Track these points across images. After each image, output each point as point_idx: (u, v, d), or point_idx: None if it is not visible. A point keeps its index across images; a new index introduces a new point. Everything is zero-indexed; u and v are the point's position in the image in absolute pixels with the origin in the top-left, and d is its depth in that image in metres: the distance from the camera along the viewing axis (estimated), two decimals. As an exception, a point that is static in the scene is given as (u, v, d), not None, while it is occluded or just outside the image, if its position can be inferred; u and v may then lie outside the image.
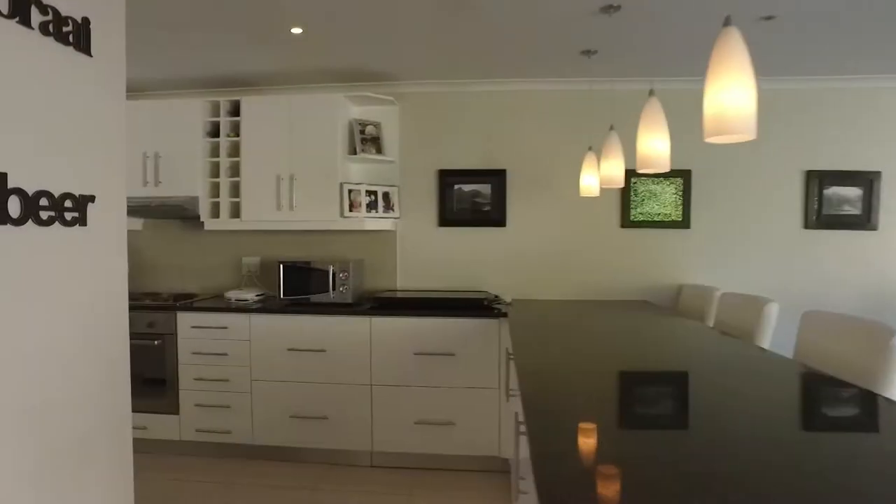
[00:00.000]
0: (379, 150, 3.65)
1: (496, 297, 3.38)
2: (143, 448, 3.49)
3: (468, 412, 3.16)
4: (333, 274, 3.36)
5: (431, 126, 3.75)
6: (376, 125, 3.69)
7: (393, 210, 3.69)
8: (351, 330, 3.21)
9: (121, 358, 2.03)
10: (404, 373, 3.18)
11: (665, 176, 3.59)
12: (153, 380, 3.41)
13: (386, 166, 3.77)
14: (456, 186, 3.72)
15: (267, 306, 3.36)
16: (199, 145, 3.65)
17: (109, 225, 1.85)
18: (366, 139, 3.61)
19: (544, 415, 1.31)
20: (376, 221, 3.58)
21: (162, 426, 3.42)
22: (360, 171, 3.78)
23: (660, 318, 2.90)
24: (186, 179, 3.65)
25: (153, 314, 3.42)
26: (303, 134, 3.52)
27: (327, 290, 3.37)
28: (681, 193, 3.62)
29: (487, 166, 3.71)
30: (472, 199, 3.71)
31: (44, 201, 1.56)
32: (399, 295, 3.51)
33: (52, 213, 1.58)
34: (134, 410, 3.58)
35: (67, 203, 1.64)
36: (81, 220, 1.70)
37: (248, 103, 3.58)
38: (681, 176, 3.61)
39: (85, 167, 1.72)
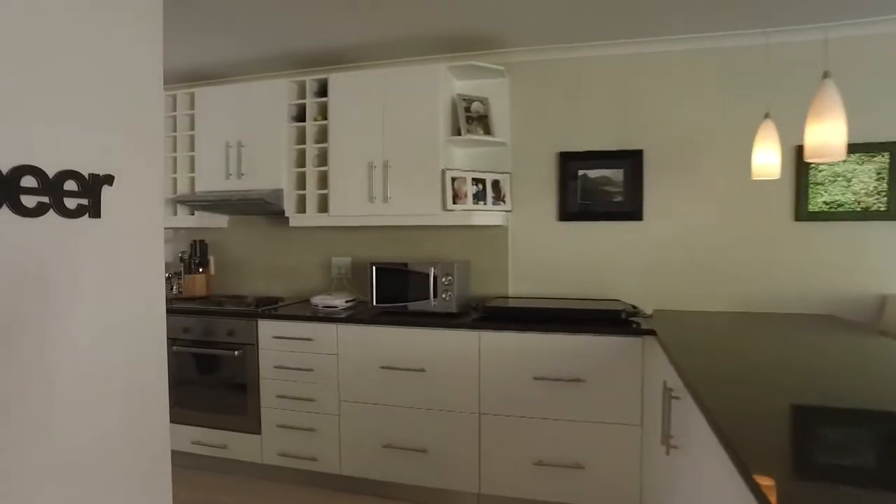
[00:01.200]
0: (487, 131, 3.07)
1: (634, 308, 2.69)
2: (224, 468, 3.13)
3: (601, 453, 2.49)
4: (434, 278, 2.81)
5: (550, 100, 3.11)
6: (483, 101, 3.11)
7: (504, 202, 3.09)
8: (455, 346, 2.65)
9: (157, 389, 1.55)
10: (521, 401, 2.57)
11: (861, 151, 2.73)
12: (234, 394, 3.03)
13: (495, 150, 3.17)
14: (580, 172, 3.05)
15: (357, 315, 2.87)
16: (283, 131, 3.24)
17: (134, 215, 1.38)
18: (471, 118, 3.04)
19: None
20: (484, 215, 3.00)
21: (243, 446, 3.03)
22: (465, 156, 3.22)
23: (859, 339, 2.09)
24: (270, 170, 3.26)
25: (233, 321, 3.04)
26: (398, 114, 3.00)
27: (427, 298, 2.82)
28: (884, 174, 2.74)
29: (620, 146, 3.02)
30: (601, 187, 3.03)
31: (29, 180, 1.10)
32: (512, 304, 2.90)
33: (46, 199, 1.13)
34: (214, 427, 3.23)
35: (70, 185, 1.19)
36: (93, 209, 1.24)
37: (337, 81, 3.12)
38: (886, 151, 2.73)
39: (98, 137, 1.27)
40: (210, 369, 3.09)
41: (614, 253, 3.04)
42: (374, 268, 2.93)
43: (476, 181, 3.01)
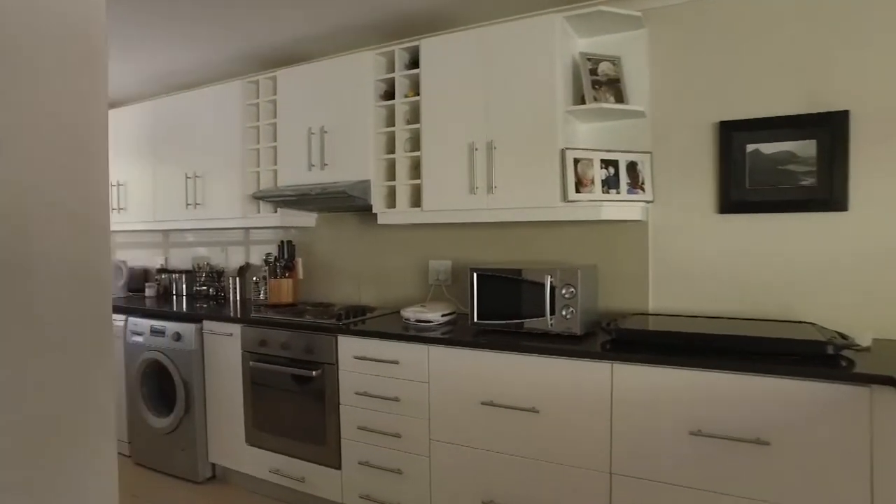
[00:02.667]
0: (619, 98, 2.37)
1: (841, 336, 1.86)
2: (302, 503, 2.73)
3: (796, 548, 1.71)
4: (552, 289, 2.17)
5: (705, 53, 2.34)
6: (614, 61, 2.41)
7: (642, 189, 2.37)
8: (579, 380, 1.99)
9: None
10: (669, 463, 1.86)
11: None
12: (312, 420, 2.59)
13: (630, 123, 2.46)
14: (749, 147, 2.25)
15: (453, 335, 2.30)
16: (369, 113, 2.75)
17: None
18: (599, 82, 2.35)
19: None
20: (617, 207, 2.30)
21: (322, 481, 2.58)
22: (591, 132, 2.54)
23: None
24: (355, 159, 2.79)
25: (310, 336, 2.60)
26: (504, 82, 2.39)
27: (542, 314, 2.19)
28: None
29: (810, 109, 2.18)
30: (780, 166, 2.21)
31: None
32: (656, 324, 2.18)
33: None
34: (292, 455, 2.79)
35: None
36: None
37: (430, 48, 2.58)
38: None
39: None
40: (287, 390, 2.68)
41: (803, 257, 2.20)
42: (474, 275, 2.34)
43: (606, 164, 2.32)
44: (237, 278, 3.59)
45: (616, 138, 2.48)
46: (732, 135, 2.27)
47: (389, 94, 2.78)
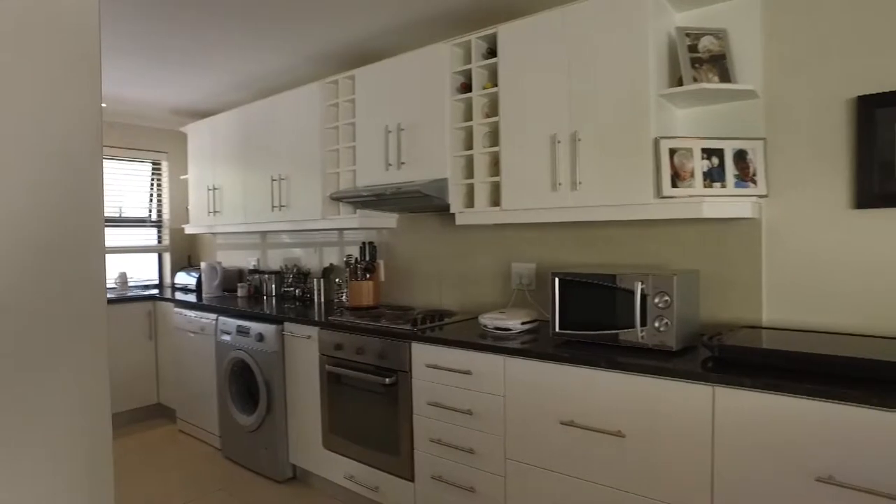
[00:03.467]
0: (725, 77, 2.04)
1: None
2: (369, 520, 2.64)
3: None
4: (643, 297, 1.91)
5: (836, 13, 1.96)
6: (718, 35, 2.09)
7: (754, 182, 2.03)
8: (674, 404, 1.72)
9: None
10: (791, 508, 1.54)
11: None
12: (386, 429, 2.50)
13: (738, 106, 2.12)
14: None
15: (530, 346, 2.10)
16: (446, 107, 2.61)
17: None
18: (700, 60, 2.05)
19: None
20: (722, 203, 1.98)
21: (396, 493, 2.48)
22: (690, 117, 2.23)
23: None
24: (431, 156, 2.66)
25: (383, 341, 2.51)
26: (589, 66, 2.16)
27: (632, 325, 1.93)
28: None
29: (980, 78, 1.75)
30: (938, 149, 1.79)
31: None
32: (771, 341, 1.84)
33: None
34: (367, 463, 2.67)
35: None
36: None
37: (508, 35, 2.39)
38: None
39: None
40: (362, 396, 2.60)
41: (968, 261, 1.77)
42: (556, 280, 2.13)
43: (709, 153, 2.01)
44: (321, 280, 3.60)
45: (720, 124, 2.15)
46: (876, 111, 1.88)
47: (467, 87, 2.62)
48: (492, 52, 2.54)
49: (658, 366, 1.73)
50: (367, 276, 3.27)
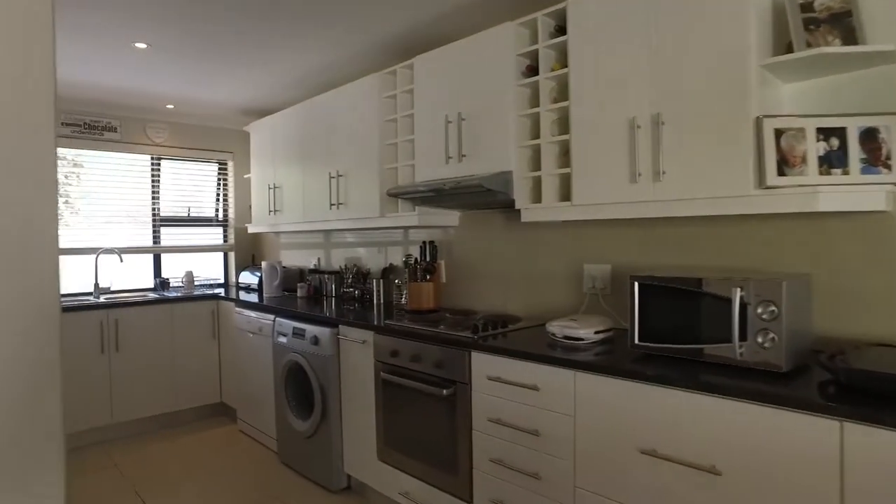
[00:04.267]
0: (849, 38, 1.69)
1: None
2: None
3: None
4: (743, 306, 1.60)
5: None
6: (839, -8, 1.73)
7: (887, 167, 1.66)
8: (786, 439, 1.40)
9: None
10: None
11: None
12: (443, 444, 2.29)
13: (867, 73, 1.75)
14: None
15: (605, 360, 1.83)
16: (510, 93, 2.38)
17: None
18: (814, 21, 1.70)
19: None
20: (845, 194, 1.63)
21: (455, 515, 2.27)
22: (800, 92, 1.88)
23: None
24: (494, 147, 2.44)
25: (441, 349, 2.30)
26: (675, 36, 1.86)
27: (727, 339, 1.62)
28: None
29: None
30: None
31: None
32: (910, 362, 1.49)
33: None
34: (423, 480, 2.47)
35: None
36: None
37: (580, 6, 2.13)
38: None
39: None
40: (417, 407, 2.41)
41: None
42: (635, 284, 1.85)
43: (826, 133, 1.67)
44: (380, 280, 3.45)
45: (841, 98, 1.79)
46: None
47: (533, 70, 2.37)
48: (560, 30, 2.28)
49: (765, 391, 1.43)
50: (427, 277, 3.08)
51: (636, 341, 1.83)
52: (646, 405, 1.65)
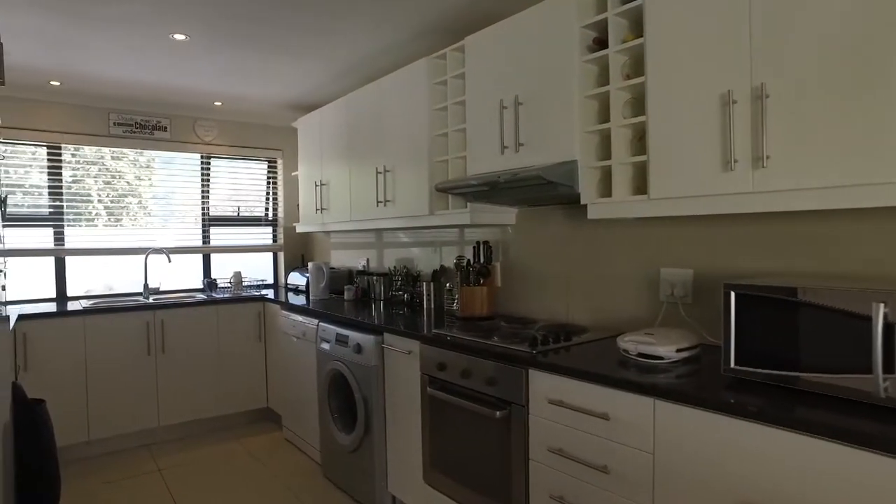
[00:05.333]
0: None
1: None
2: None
3: None
4: (888, 326, 1.23)
5: None
6: None
7: None
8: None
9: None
10: None
11: None
12: (494, 472, 2.01)
13: None
14: None
15: (692, 386, 1.50)
16: (574, 71, 2.06)
17: None
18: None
19: None
20: None
21: (510, 555, 1.98)
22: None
23: None
24: (556, 134, 2.13)
25: (494, 364, 2.02)
26: (786, -12, 1.50)
27: (865, 369, 1.26)
28: None
29: None
30: None
31: None
32: None
33: None
34: None
35: None
36: None
37: (663, -37, 1.79)
38: None
39: None
40: (467, 429, 2.14)
41: None
42: (731, 295, 1.50)
43: None
44: (431, 283, 3.20)
45: None
46: None
47: (602, 43, 2.05)
48: (636, -7, 1.95)
49: (924, 442, 1.07)
50: (481, 280, 2.80)
51: (732, 365, 1.49)
52: (748, 447, 1.31)
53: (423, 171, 2.82)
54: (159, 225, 4.22)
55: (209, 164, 4.44)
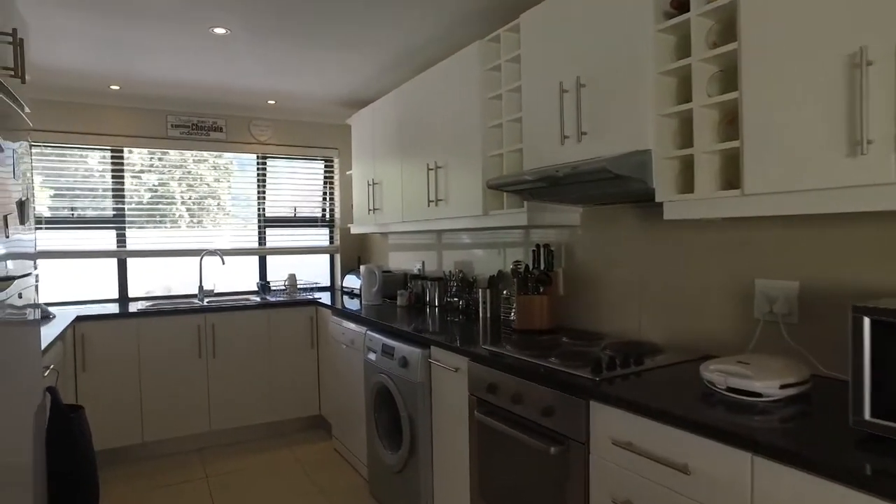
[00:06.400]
0: None
1: None
2: None
3: None
4: None
5: None
6: None
7: None
8: None
9: None
10: None
11: None
12: (552, 520, 1.71)
13: None
14: None
15: (804, 440, 1.14)
16: (647, 42, 1.72)
17: None
18: None
19: None
20: None
21: None
22: None
23: None
24: (625, 118, 1.79)
25: (551, 392, 1.71)
26: None
27: None
28: None
29: None
30: None
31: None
32: None
33: None
34: None
35: None
36: None
37: None
38: None
39: None
40: (519, 461, 1.85)
41: None
42: (865, 321, 1.13)
43: None
44: (487, 290, 2.92)
45: None
46: None
47: (682, 7, 1.70)
48: (727, -58, 1.58)
49: None
50: (541, 289, 2.49)
51: (867, 416, 1.11)
52: (894, 537, 0.95)
53: (476, 166, 2.55)
54: (212, 226, 4.19)
55: (265, 164, 4.37)
